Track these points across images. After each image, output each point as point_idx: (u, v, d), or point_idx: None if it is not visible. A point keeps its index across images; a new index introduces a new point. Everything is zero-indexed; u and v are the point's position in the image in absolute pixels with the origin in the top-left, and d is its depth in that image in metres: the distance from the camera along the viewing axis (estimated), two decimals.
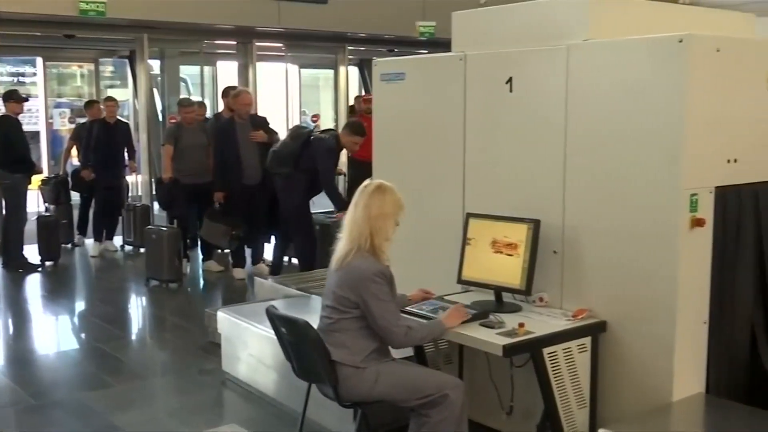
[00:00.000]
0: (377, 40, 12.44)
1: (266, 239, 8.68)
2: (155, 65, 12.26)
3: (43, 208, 10.20)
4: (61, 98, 14.49)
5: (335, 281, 3.62)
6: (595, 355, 3.72)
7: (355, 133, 7.46)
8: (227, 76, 12.77)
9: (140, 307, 8.08)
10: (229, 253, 8.83)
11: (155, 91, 12.09)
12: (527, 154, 4.05)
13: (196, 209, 8.87)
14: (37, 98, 13.43)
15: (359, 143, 7.51)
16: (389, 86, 4.82)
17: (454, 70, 4.36)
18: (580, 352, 3.67)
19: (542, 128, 3.96)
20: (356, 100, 12.58)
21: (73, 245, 10.32)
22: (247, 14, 10.48)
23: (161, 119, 12.08)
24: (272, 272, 7.98)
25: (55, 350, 6.62)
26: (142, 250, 9.33)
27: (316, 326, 3.63)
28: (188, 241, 9.08)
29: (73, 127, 12.02)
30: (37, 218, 9.40)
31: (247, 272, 8.48)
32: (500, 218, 4.00)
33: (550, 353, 3.56)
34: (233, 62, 12.42)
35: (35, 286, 8.64)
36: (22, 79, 14.13)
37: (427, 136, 4.62)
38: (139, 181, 11.44)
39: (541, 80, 3.95)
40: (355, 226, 3.61)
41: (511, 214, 3.99)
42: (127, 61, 12.75)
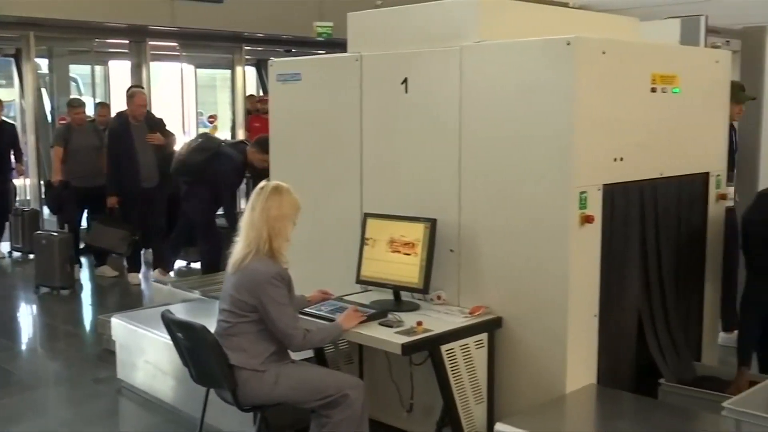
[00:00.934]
0: (274, 40, 12.34)
1: (165, 243, 8.49)
2: (43, 64, 11.82)
3: None
4: None
5: (232, 284, 3.58)
6: (491, 350, 3.79)
7: (264, 151, 7.35)
8: (120, 75, 12.44)
9: (30, 315, 7.77)
10: (124, 257, 8.59)
11: (44, 91, 11.66)
12: (423, 154, 4.10)
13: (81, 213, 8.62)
14: None
15: (267, 160, 7.44)
16: (285, 87, 4.79)
17: (350, 70, 4.37)
18: (477, 348, 3.73)
19: (437, 128, 4.01)
20: (247, 99, 12.40)
21: None
22: (139, 12, 10.22)
23: (50, 120, 11.66)
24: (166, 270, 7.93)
25: None
26: (31, 256, 8.97)
27: (213, 330, 3.58)
28: (80, 245, 8.79)
29: None
30: None
31: (143, 277, 8.27)
32: (397, 218, 4.03)
33: (448, 350, 3.61)
34: (126, 62, 12.09)
35: None
36: None
37: (324, 136, 4.62)
38: (27, 184, 11.01)
39: (435, 81, 4.00)
40: (252, 228, 3.58)
41: (408, 213, 4.03)
42: (12, 59, 12.23)
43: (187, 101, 12.96)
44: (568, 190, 3.53)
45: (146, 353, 5.02)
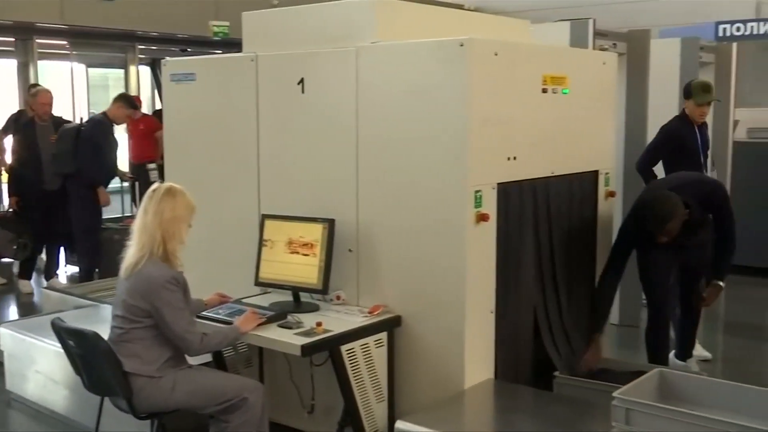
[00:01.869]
0: (169, 39, 12.08)
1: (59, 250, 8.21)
2: None
3: None
4: None
5: (125, 290, 3.49)
6: (391, 349, 3.82)
7: (126, 104, 7.53)
8: (5, 75, 11.94)
9: None
10: (13, 263, 8.25)
11: None
12: (321, 154, 4.09)
13: None
14: None
15: (131, 115, 7.91)
16: (179, 87, 4.70)
17: (245, 70, 4.32)
18: (377, 347, 3.75)
19: (335, 129, 4.01)
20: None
21: None
22: (25, 9, 9.82)
23: None
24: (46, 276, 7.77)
25: None
26: None
27: (106, 337, 3.48)
28: None
29: None
30: None
31: (34, 285, 7.97)
32: (296, 219, 4.02)
33: (348, 350, 3.62)
34: (12, 60, 11.62)
35: None
36: None
37: (220, 137, 4.55)
38: None
39: (332, 81, 4.00)
40: (145, 232, 3.50)
41: (306, 214, 4.02)
42: None
43: (78, 101, 12.56)
44: (463, 189, 3.59)
45: (37, 363, 4.84)
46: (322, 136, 4.07)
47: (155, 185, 3.63)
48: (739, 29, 8.60)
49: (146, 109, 12.17)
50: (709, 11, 9.63)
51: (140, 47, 12.38)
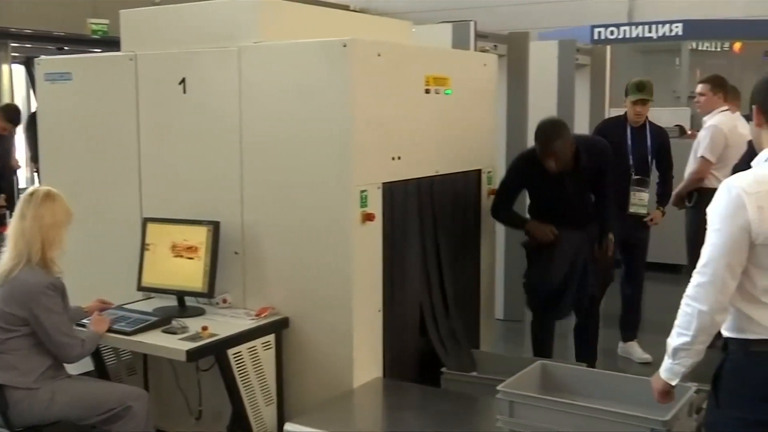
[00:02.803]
0: (45, 37, 11.64)
1: None
2: None
3: None
4: None
5: (0, 298, 3.34)
6: (279, 351, 3.80)
7: (7, 119, 7.32)
8: None
9: None
10: None
11: None
12: (204, 155, 4.02)
13: None
14: None
15: (7, 129, 7.74)
16: (54, 87, 4.52)
17: (124, 70, 4.21)
18: (264, 350, 3.72)
19: (218, 130, 3.96)
20: None
21: None
22: None
23: None
24: None
25: None
26: None
27: None
28: None
29: None
30: None
31: None
32: (179, 221, 3.94)
33: (235, 354, 3.57)
34: None
35: None
36: None
37: (99, 139, 4.41)
38: None
39: (214, 81, 3.95)
40: (22, 238, 3.37)
41: (190, 217, 3.95)
42: None
43: None
44: (348, 188, 3.60)
45: None
46: (205, 137, 4.01)
47: (31, 188, 3.50)
48: (613, 32, 8.95)
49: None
50: (584, 15, 10.01)
51: (13, 45, 11.87)
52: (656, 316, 6.80)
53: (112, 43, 9.30)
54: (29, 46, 12.52)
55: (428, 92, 4.09)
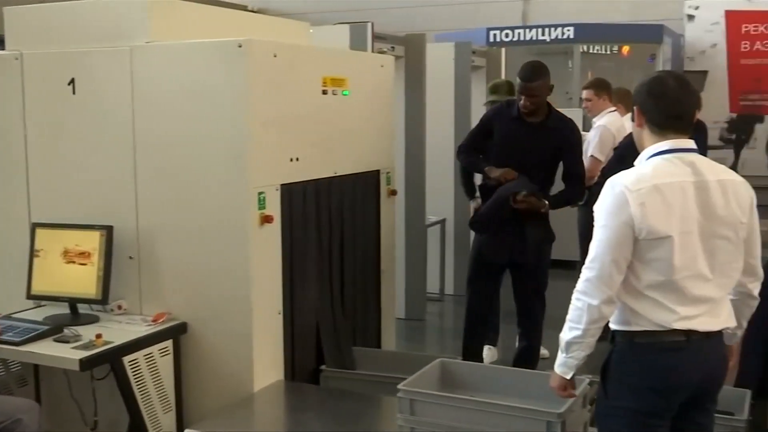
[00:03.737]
0: None
1: None
2: None
3: None
4: None
5: None
6: (177, 357, 3.73)
7: None
8: None
9: None
10: None
11: None
12: (96, 158, 3.91)
13: None
14: None
15: None
16: None
17: (9, 70, 4.04)
18: (162, 356, 3.65)
19: (110, 131, 3.85)
20: None
21: None
22: None
23: None
24: None
25: None
26: None
27: None
28: None
29: None
30: None
31: None
32: (70, 226, 3.82)
33: (131, 361, 3.49)
34: None
35: None
36: None
37: None
38: None
39: (105, 82, 3.84)
40: None
41: (82, 221, 3.83)
42: None
43: None
44: (246, 190, 3.57)
45: None
46: (96, 138, 3.89)
47: None
48: (507, 35, 9.13)
49: None
50: (480, 18, 10.18)
51: None
52: (553, 312, 6.98)
53: None
54: None
55: (326, 93, 4.09)
